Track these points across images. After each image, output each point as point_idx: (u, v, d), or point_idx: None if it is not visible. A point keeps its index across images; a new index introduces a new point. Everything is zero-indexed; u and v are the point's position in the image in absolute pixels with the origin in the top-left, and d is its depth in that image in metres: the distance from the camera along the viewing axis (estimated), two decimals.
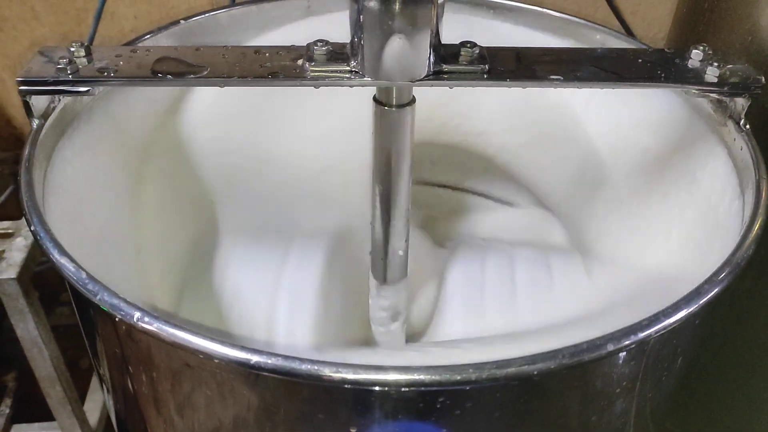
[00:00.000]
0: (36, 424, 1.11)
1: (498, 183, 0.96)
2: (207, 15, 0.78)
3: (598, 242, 0.72)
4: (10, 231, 0.97)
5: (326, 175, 0.86)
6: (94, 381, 1.21)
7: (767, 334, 0.80)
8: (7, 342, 1.26)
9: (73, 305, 0.60)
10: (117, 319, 0.44)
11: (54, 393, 1.01)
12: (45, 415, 1.06)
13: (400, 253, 0.67)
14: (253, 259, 0.73)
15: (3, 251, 0.93)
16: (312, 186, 0.89)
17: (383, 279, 0.68)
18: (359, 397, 0.43)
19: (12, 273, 0.89)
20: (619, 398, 0.50)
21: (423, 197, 0.99)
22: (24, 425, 1.12)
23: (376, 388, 0.42)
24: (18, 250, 0.93)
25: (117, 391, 0.60)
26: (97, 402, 1.17)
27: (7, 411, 1.14)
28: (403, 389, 0.42)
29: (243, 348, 0.41)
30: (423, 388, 0.42)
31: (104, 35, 1.17)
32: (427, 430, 0.46)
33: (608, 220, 0.71)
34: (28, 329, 0.93)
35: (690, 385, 0.91)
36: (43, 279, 1.18)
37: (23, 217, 0.96)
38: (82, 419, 1.07)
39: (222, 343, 0.42)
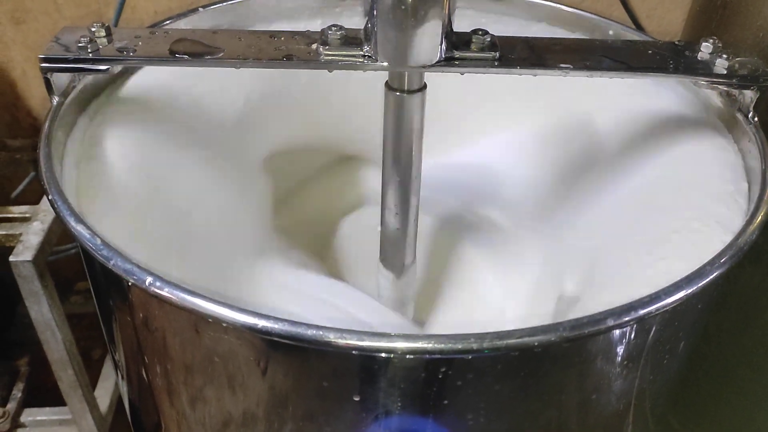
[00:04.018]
0: (47, 408, 1.12)
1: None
2: (225, 3, 0.80)
3: (601, 236, 0.73)
4: (27, 215, 0.99)
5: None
6: (105, 368, 1.22)
7: None
8: (21, 327, 1.28)
9: (89, 278, 0.61)
10: (130, 284, 0.45)
11: (66, 377, 1.02)
12: (56, 401, 1.07)
13: (409, 237, 0.68)
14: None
15: (20, 234, 0.94)
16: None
17: (391, 263, 0.69)
18: (363, 364, 0.44)
19: (28, 255, 0.91)
20: (619, 378, 0.51)
21: None
22: (35, 409, 1.13)
23: (380, 355, 0.42)
24: (34, 233, 0.94)
25: (130, 366, 0.61)
26: (107, 389, 1.18)
27: (19, 395, 1.15)
28: (406, 356, 0.42)
29: (251, 312, 0.42)
30: (426, 356, 0.43)
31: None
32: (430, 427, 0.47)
33: (611, 211, 0.71)
34: (42, 312, 0.95)
35: (697, 383, 0.91)
36: (58, 268, 1.20)
37: (40, 202, 0.99)
38: (92, 404, 1.08)
39: (230, 307, 0.43)
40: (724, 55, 0.61)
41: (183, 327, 0.47)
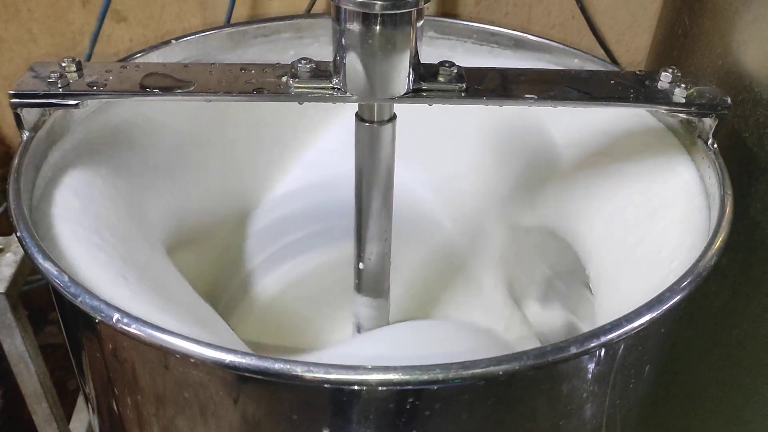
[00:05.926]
0: None
1: None
2: (198, 35, 0.81)
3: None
4: (0, 247, 0.98)
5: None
6: (80, 401, 1.21)
7: (742, 353, 0.81)
8: None
9: (58, 314, 0.61)
10: (97, 321, 0.46)
11: (40, 410, 1.01)
12: None
13: (383, 267, 0.69)
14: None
15: None
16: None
17: (373, 292, 0.70)
18: (331, 397, 0.44)
19: (1, 288, 0.90)
20: (586, 403, 0.51)
21: None
22: None
23: (348, 387, 0.43)
24: (7, 265, 0.94)
25: (101, 401, 0.61)
26: (83, 421, 1.17)
27: None
28: (375, 389, 0.43)
29: (218, 347, 0.43)
30: (393, 387, 0.43)
31: (100, 57, 1.19)
32: None
33: (578, 228, 0.72)
34: (15, 345, 0.94)
35: (668, 403, 0.92)
36: (31, 299, 1.19)
37: (13, 233, 0.98)
38: None
39: (198, 342, 0.43)
40: (683, 85, 0.63)
41: (151, 362, 0.48)
